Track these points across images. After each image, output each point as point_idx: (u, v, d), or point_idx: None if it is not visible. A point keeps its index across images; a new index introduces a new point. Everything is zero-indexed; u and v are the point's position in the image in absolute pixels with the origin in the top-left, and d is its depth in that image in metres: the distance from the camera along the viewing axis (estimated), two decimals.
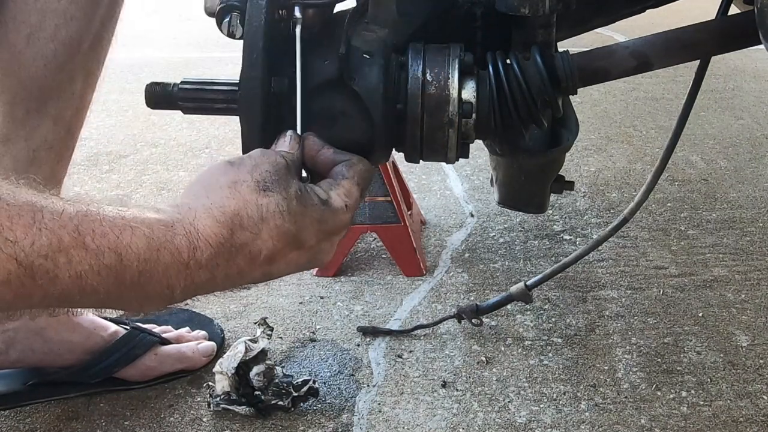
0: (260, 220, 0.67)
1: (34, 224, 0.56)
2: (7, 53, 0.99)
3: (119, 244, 0.60)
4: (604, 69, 0.90)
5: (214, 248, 0.65)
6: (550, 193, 1.03)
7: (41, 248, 0.56)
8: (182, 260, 0.63)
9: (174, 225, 0.64)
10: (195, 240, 0.64)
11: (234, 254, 0.66)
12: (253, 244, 0.67)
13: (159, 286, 0.63)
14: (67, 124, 1.05)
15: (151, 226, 0.62)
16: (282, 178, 0.70)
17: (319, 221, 0.71)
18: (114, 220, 0.60)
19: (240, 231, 0.66)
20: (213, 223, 0.65)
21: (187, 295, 0.66)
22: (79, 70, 1.03)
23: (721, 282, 1.43)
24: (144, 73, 2.69)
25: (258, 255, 0.68)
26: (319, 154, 0.76)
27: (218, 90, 0.83)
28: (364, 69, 0.79)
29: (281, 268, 0.71)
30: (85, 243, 0.58)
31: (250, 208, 0.67)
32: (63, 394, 1.14)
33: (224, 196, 0.67)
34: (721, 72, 2.59)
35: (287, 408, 1.12)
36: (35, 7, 0.97)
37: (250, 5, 0.77)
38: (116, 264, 0.60)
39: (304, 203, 0.70)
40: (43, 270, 0.56)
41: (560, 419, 1.11)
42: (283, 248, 0.69)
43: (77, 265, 0.58)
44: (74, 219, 0.58)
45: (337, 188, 0.73)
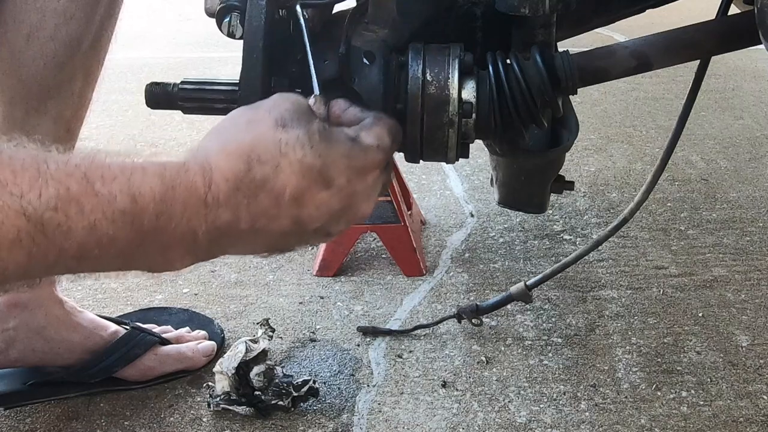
0: (279, 153, 0.62)
1: (39, 176, 0.53)
2: (7, 52, 0.99)
3: (131, 186, 0.56)
4: (604, 69, 0.90)
5: (231, 182, 0.61)
6: (550, 193, 1.03)
7: (50, 200, 0.53)
8: (199, 196, 0.59)
9: (186, 162, 0.60)
10: (209, 175, 0.60)
11: (255, 191, 0.61)
12: (275, 179, 0.62)
13: (179, 229, 0.59)
14: (66, 124, 1.05)
15: (162, 165, 0.59)
16: (302, 116, 0.65)
17: (347, 156, 0.65)
18: (123, 163, 0.57)
19: (258, 165, 0.61)
20: (227, 157, 0.61)
21: (211, 239, 0.61)
22: (78, 70, 1.03)
23: (721, 282, 1.43)
24: (144, 73, 2.68)
25: (282, 192, 0.62)
26: (346, 113, 0.72)
27: (218, 90, 0.83)
28: (364, 69, 0.79)
29: (312, 213, 0.64)
30: (96, 189, 0.55)
31: (268, 142, 0.62)
32: (63, 393, 1.14)
33: (240, 133, 0.63)
34: (721, 72, 2.59)
35: (287, 408, 1.12)
36: (35, 6, 0.97)
37: (250, 5, 0.77)
38: (131, 207, 0.56)
39: (329, 138, 0.65)
40: (54, 223, 0.53)
41: (560, 419, 1.11)
42: (310, 186, 0.63)
43: (90, 213, 0.54)
44: (81, 166, 0.55)
45: (367, 130, 0.68)
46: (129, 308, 1.36)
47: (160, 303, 1.39)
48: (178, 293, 1.41)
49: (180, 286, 1.43)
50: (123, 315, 1.30)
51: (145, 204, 0.57)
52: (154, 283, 1.43)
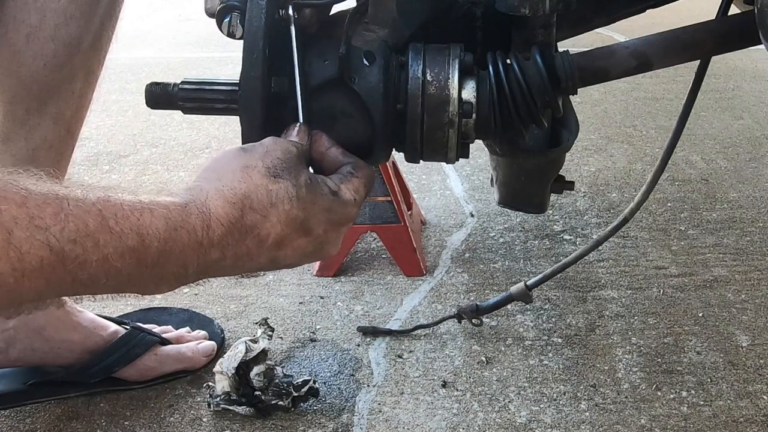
0: (270, 204, 0.69)
1: (61, 211, 0.57)
2: (7, 52, 0.99)
3: (140, 226, 0.62)
4: (604, 69, 0.90)
5: (226, 227, 0.67)
6: (550, 193, 1.03)
7: (70, 233, 0.57)
8: (197, 239, 0.65)
9: (188, 205, 0.66)
10: (207, 219, 0.66)
11: (244, 235, 0.68)
12: (263, 226, 0.69)
13: (175, 265, 0.65)
14: (67, 124, 1.05)
15: (167, 207, 0.64)
16: (292, 166, 0.72)
17: (327, 210, 0.73)
18: (133, 204, 0.62)
19: (250, 213, 0.68)
20: (224, 204, 0.67)
21: (198, 275, 0.68)
22: (79, 70, 1.03)
23: (721, 282, 1.43)
24: (144, 73, 2.68)
25: (267, 238, 0.69)
26: (328, 152, 0.78)
27: (218, 90, 0.83)
28: (364, 69, 0.79)
29: (288, 254, 0.72)
30: (110, 226, 0.60)
31: (261, 192, 0.69)
32: (63, 393, 1.14)
33: (235, 179, 0.69)
34: (721, 72, 2.59)
35: (287, 408, 1.12)
36: (35, 6, 0.97)
37: (250, 5, 0.77)
38: (138, 245, 0.61)
39: (314, 192, 0.72)
40: (73, 255, 0.57)
41: (560, 419, 1.11)
42: (291, 234, 0.71)
43: (103, 248, 0.59)
44: (97, 204, 0.60)
45: (347, 183, 0.76)
46: (129, 308, 1.36)
47: (160, 303, 1.39)
48: (178, 293, 1.41)
49: None
50: (123, 315, 1.30)
51: (151, 243, 0.62)
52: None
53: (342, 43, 0.79)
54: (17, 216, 0.55)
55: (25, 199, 0.56)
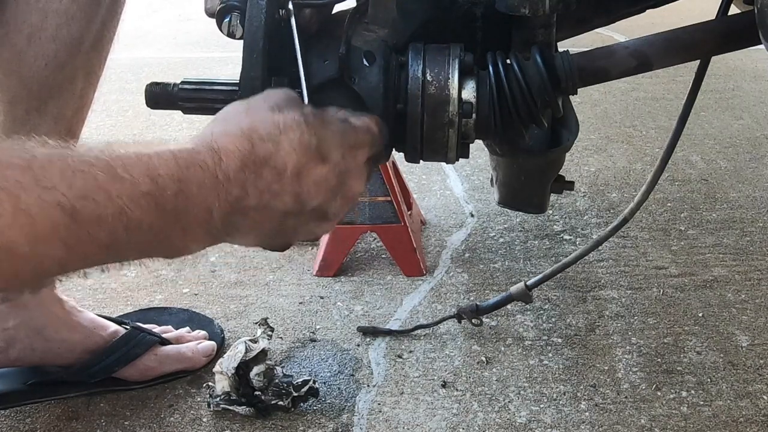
0: (278, 132, 0.67)
1: (67, 168, 0.56)
2: (8, 52, 0.99)
3: (150, 168, 0.60)
4: (604, 69, 0.90)
5: (238, 160, 0.65)
6: (550, 193, 1.03)
7: (79, 189, 0.56)
8: (212, 174, 0.63)
9: (195, 147, 0.65)
10: (218, 154, 0.64)
11: (260, 167, 0.66)
12: (277, 155, 0.67)
13: (197, 206, 0.63)
14: (67, 124, 1.05)
15: (174, 149, 0.63)
16: (295, 102, 0.71)
17: (340, 133, 0.71)
18: (140, 151, 0.61)
19: (260, 143, 0.66)
20: (232, 139, 0.66)
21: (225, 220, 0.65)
22: (80, 70, 1.03)
23: (721, 282, 1.43)
24: (144, 73, 2.69)
25: (284, 168, 0.67)
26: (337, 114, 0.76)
27: (218, 90, 0.83)
28: (364, 69, 0.80)
29: (311, 189, 0.69)
30: (119, 175, 0.58)
31: (267, 123, 0.68)
32: (63, 393, 1.14)
33: (239, 118, 0.68)
34: (721, 72, 2.59)
35: (287, 408, 1.12)
36: (36, 6, 0.97)
37: (250, 5, 0.77)
38: (153, 189, 0.59)
39: (322, 116, 0.71)
40: (86, 212, 0.56)
41: (560, 419, 1.11)
42: (308, 162, 0.68)
43: (117, 198, 0.57)
44: (102, 156, 0.58)
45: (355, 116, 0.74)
46: (129, 308, 1.36)
47: (160, 303, 1.39)
48: (178, 293, 1.41)
49: (180, 286, 1.43)
50: (123, 315, 1.30)
51: (165, 184, 0.60)
52: (154, 282, 1.43)
53: (342, 43, 0.79)
54: (22, 180, 0.53)
55: (29, 161, 0.55)
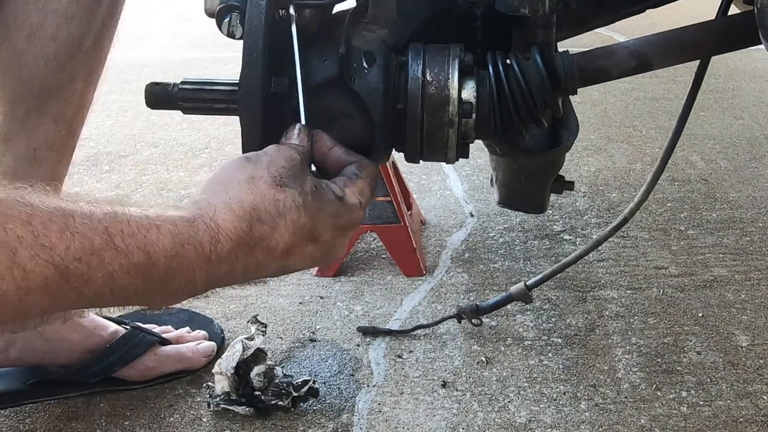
0: (277, 214, 0.69)
1: (67, 229, 0.57)
2: (8, 52, 0.99)
3: (147, 243, 0.61)
4: (604, 69, 0.90)
5: (234, 242, 0.67)
6: (550, 193, 1.03)
7: (75, 252, 0.57)
8: (205, 254, 0.65)
9: (195, 221, 0.65)
10: (216, 234, 0.66)
11: (252, 247, 0.68)
12: (271, 237, 0.69)
13: (183, 280, 0.65)
14: (67, 124, 1.05)
15: (174, 223, 0.64)
16: (297, 174, 0.72)
17: (334, 216, 0.73)
18: (140, 220, 0.62)
19: (258, 225, 0.68)
20: (233, 218, 0.67)
21: (207, 288, 0.68)
22: (80, 70, 1.03)
23: (721, 282, 1.43)
24: (144, 73, 2.69)
25: (275, 248, 0.69)
26: (331, 152, 0.78)
27: (218, 90, 0.83)
28: (364, 69, 0.79)
29: (297, 261, 0.72)
30: (115, 243, 0.60)
31: (268, 203, 0.69)
32: (63, 393, 1.14)
33: (242, 192, 0.69)
34: (721, 72, 2.59)
35: (287, 408, 1.12)
36: (36, 6, 0.97)
37: (250, 5, 0.77)
38: (145, 262, 0.61)
39: (320, 199, 0.72)
40: (78, 273, 0.57)
41: (560, 419, 1.11)
42: (299, 242, 0.71)
43: (108, 265, 0.59)
44: (103, 221, 0.60)
45: (352, 186, 0.75)
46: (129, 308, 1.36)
47: None
48: None
49: None
50: (123, 315, 1.30)
51: (157, 260, 0.62)
52: None
53: (342, 43, 0.79)
54: (22, 235, 0.55)
55: (30, 216, 0.56)
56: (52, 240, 0.56)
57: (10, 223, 0.55)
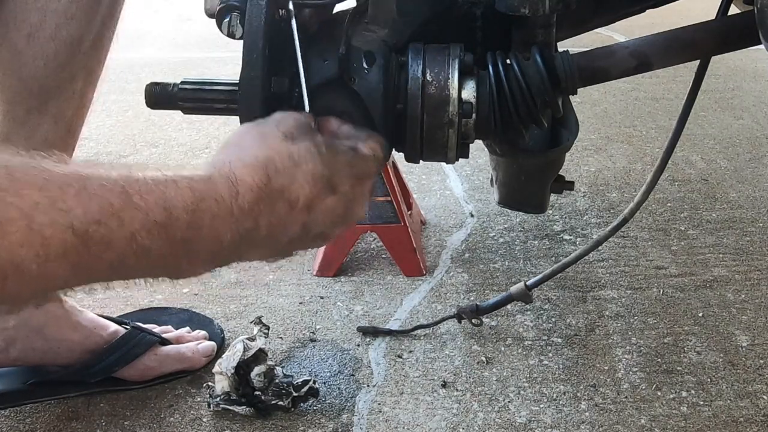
0: (293, 165, 0.69)
1: (84, 191, 0.56)
2: (8, 52, 0.99)
3: (166, 199, 0.60)
4: (604, 69, 0.90)
5: (255, 192, 0.66)
6: (550, 193, 1.03)
7: (94, 214, 0.56)
8: (227, 207, 0.64)
9: (212, 176, 0.65)
10: (235, 186, 0.65)
11: (274, 199, 0.67)
12: (291, 188, 0.68)
13: (207, 238, 0.63)
14: (67, 123, 1.05)
15: (192, 178, 0.63)
16: (307, 130, 0.73)
17: (350, 164, 0.73)
18: (156, 178, 0.61)
19: (276, 176, 0.67)
20: (250, 170, 0.66)
21: (234, 249, 0.66)
22: (79, 70, 1.03)
23: (721, 282, 1.43)
24: (144, 73, 2.68)
25: (297, 201, 0.69)
26: (340, 130, 0.78)
27: (218, 90, 0.83)
28: (364, 69, 0.80)
29: (318, 219, 0.71)
30: (134, 202, 0.58)
31: (283, 155, 0.69)
32: (63, 393, 1.14)
33: (255, 147, 0.69)
34: (721, 72, 2.59)
35: (287, 408, 1.12)
36: (35, 6, 0.97)
37: (250, 5, 0.77)
38: (165, 219, 0.60)
39: (334, 148, 0.72)
40: (98, 236, 0.56)
41: (560, 419, 1.11)
42: (319, 193, 0.70)
43: (129, 225, 0.58)
44: (119, 181, 0.59)
45: (363, 142, 0.76)
46: (129, 308, 1.36)
47: (160, 303, 1.39)
48: (178, 293, 1.41)
49: (180, 286, 1.43)
50: (123, 315, 1.30)
51: (178, 215, 0.61)
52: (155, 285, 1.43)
53: (342, 43, 0.79)
54: (38, 200, 0.54)
55: (46, 181, 0.55)
56: (69, 203, 0.55)
57: (25, 188, 0.54)
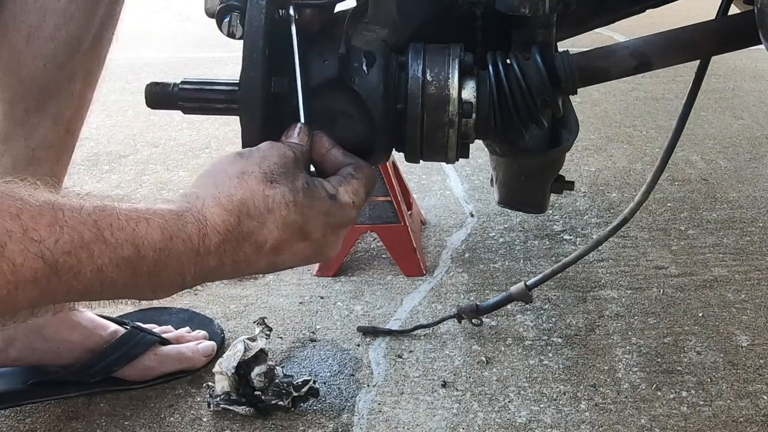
0: (266, 210, 0.69)
1: (56, 222, 0.57)
2: (7, 52, 0.99)
3: (136, 236, 0.62)
4: (604, 69, 0.90)
5: (222, 235, 0.67)
6: (550, 193, 1.03)
7: (65, 245, 0.57)
8: (193, 247, 0.65)
9: (184, 214, 0.66)
10: (204, 227, 0.66)
11: (241, 242, 0.68)
12: (260, 233, 0.69)
13: (172, 273, 0.65)
14: (66, 124, 1.05)
15: (163, 216, 0.64)
16: (290, 170, 0.71)
17: (325, 214, 0.72)
18: (129, 213, 0.62)
19: (247, 219, 0.68)
20: (221, 211, 0.67)
21: (196, 281, 0.68)
22: (79, 70, 1.03)
23: (721, 282, 1.43)
24: (144, 73, 2.69)
25: (264, 244, 0.69)
26: (329, 153, 0.77)
27: (218, 90, 0.83)
28: (364, 69, 0.79)
29: (287, 258, 0.72)
30: (105, 237, 0.60)
31: (257, 198, 0.69)
32: (63, 393, 1.14)
33: (232, 186, 0.69)
34: (721, 72, 2.59)
35: (287, 408, 1.12)
36: (35, 6, 0.97)
37: (250, 5, 0.77)
38: (134, 255, 0.61)
39: (312, 196, 0.72)
40: (67, 266, 0.57)
41: (560, 419, 1.11)
42: (289, 239, 0.71)
43: (98, 258, 0.59)
44: (92, 215, 0.60)
45: (346, 185, 0.75)
46: (129, 308, 1.36)
47: (160, 303, 1.38)
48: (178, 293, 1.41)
49: None
50: (123, 315, 1.30)
51: (146, 253, 0.62)
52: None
53: (342, 43, 0.79)
54: (11, 229, 0.55)
55: (19, 210, 0.56)
56: (42, 233, 0.56)
57: None
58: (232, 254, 0.68)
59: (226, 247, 0.67)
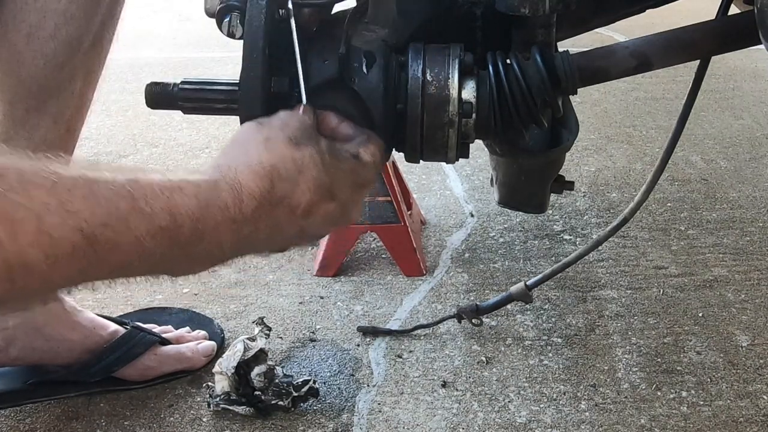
0: (297, 171, 0.70)
1: (91, 194, 0.57)
2: (7, 52, 0.99)
3: (171, 205, 0.61)
4: (604, 69, 0.90)
5: (258, 200, 0.67)
6: (550, 193, 1.03)
7: (101, 217, 0.57)
8: (229, 214, 0.65)
9: (218, 182, 0.66)
10: (239, 194, 0.66)
11: (275, 205, 0.69)
12: (292, 195, 0.70)
13: (209, 243, 0.65)
14: (67, 123, 1.05)
15: (198, 184, 0.64)
16: (312, 134, 0.73)
17: (351, 172, 0.75)
18: (163, 183, 0.62)
19: (280, 183, 0.69)
20: (254, 177, 0.68)
21: (234, 252, 0.69)
22: (79, 69, 1.03)
23: (721, 282, 1.43)
24: (144, 73, 2.68)
25: (297, 207, 0.70)
26: (340, 127, 0.79)
27: (218, 90, 0.83)
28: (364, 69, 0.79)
29: (316, 222, 0.73)
30: (140, 207, 0.59)
31: (287, 161, 0.70)
32: (63, 393, 1.14)
33: (260, 152, 0.70)
34: (721, 72, 2.59)
35: (287, 408, 1.12)
36: (35, 6, 0.97)
37: (250, 5, 0.77)
38: (170, 224, 0.61)
39: (337, 156, 0.74)
40: (104, 239, 0.57)
41: (560, 419, 1.11)
42: (319, 200, 0.72)
43: (135, 229, 0.59)
44: (126, 185, 0.59)
45: (364, 148, 0.77)
46: (129, 308, 1.36)
47: (160, 303, 1.39)
48: (178, 293, 1.41)
49: (180, 286, 1.43)
50: (123, 315, 1.30)
51: (183, 221, 0.62)
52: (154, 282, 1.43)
53: (342, 43, 0.79)
54: (48, 201, 0.54)
55: (55, 183, 0.55)
56: (78, 205, 0.55)
57: (34, 189, 0.54)
58: (266, 219, 0.68)
59: (261, 212, 0.68)
